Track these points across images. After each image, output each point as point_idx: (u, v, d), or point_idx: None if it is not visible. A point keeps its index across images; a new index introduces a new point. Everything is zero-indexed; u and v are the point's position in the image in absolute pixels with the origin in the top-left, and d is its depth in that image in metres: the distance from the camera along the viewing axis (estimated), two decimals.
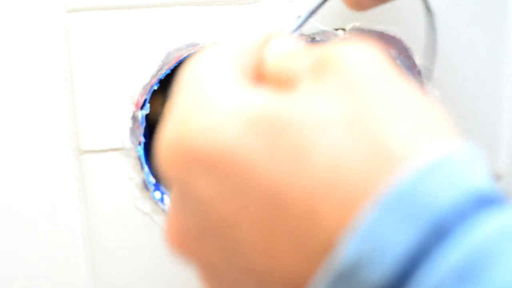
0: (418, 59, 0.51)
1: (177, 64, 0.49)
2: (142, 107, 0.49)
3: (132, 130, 0.50)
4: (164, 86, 0.53)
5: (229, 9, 0.48)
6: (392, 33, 0.50)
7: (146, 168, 0.51)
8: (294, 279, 0.25)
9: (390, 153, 0.24)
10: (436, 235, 0.22)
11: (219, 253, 0.27)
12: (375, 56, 0.26)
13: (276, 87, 0.27)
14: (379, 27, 0.49)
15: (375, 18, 0.49)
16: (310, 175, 0.24)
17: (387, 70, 0.26)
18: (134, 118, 0.49)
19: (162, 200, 0.52)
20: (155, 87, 0.49)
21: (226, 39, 0.30)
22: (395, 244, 0.22)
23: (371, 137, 0.24)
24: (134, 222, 0.52)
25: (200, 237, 0.27)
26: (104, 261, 0.53)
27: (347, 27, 0.49)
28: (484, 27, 0.51)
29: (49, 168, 0.50)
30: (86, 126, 0.49)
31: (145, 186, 0.51)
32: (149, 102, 0.50)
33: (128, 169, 0.51)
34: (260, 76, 0.29)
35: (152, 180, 0.51)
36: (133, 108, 0.49)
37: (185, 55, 0.48)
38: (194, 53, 0.49)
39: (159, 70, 0.49)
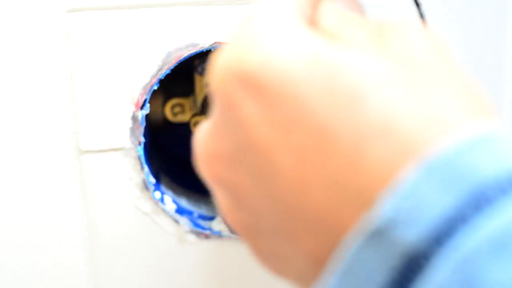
0: None
1: (177, 64, 0.49)
2: (142, 107, 0.49)
3: (132, 130, 0.50)
4: (164, 86, 0.53)
5: (229, 9, 0.48)
6: None
7: (146, 168, 0.51)
8: (321, 220, 0.25)
9: (441, 120, 0.24)
10: (475, 204, 0.22)
11: (249, 178, 0.27)
12: (435, 37, 0.28)
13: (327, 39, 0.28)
14: None
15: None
16: (361, 120, 0.24)
17: (444, 51, 0.27)
18: (134, 118, 0.49)
19: (162, 200, 0.52)
20: (155, 87, 0.49)
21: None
22: (434, 206, 0.23)
23: (426, 102, 0.25)
24: (134, 222, 0.52)
25: (235, 160, 0.27)
26: (104, 261, 0.53)
27: None
28: (484, 27, 0.51)
29: (49, 168, 0.50)
30: (86, 126, 0.49)
31: (145, 186, 0.51)
32: (149, 102, 0.50)
33: (128, 169, 0.51)
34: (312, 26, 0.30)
35: (152, 180, 0.51)
36: (133, 108, 0.49)
37: (185, 55, 0.48)
38: (194, 53, 0.49)
39: (159, 70, 0.49)
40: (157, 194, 0.51)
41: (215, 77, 0.28)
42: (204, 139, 0.29)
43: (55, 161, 0.50)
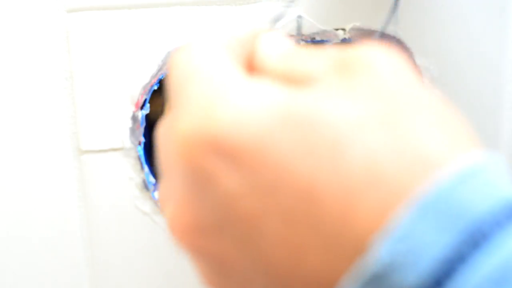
0: (418, 59, 0.51)
1: None
2: (142, 107, 0.49)
3: (132, 130, 0.50)
4: (164, 86, 0.53)
5: (229, 9, 0.48)
6: (392, 33, 0.49)
7: (146, 168, 0.51)
8: (319, 281, 0.24)
9: (427, 157, 0.23)
10: (473, 241, 0.22)
11: (235, 249, 0.25)
12: (402, 62, 0.26)
13: (286, 84, 0.26)
14: (379, 27, 0.49)
15: (375, 18, 0.49)
16: (346, 173, 0.23)
17: (414, 77, 0.25)
18: (134, 118, 0.49)
19: None
20: (155, 87, 0.49)
21: (209, 36, 0.29)
22: (432, 248, 0.22)
23: (409, 140, 0.23)
24: (134, 222, 0.52)
25: (216, 230, 0.26)
26: (104, 261, 0.53)
27: (347, 27, 0.49)
28: (484, 27, 0.51)
29: (49, 168, 0.50)
30: (86, 126, 0.49)
31: (145, 186, 0.51)
32: (149, 102, 0.50)
33: (128, 169, 0.51)
34: (252, 71, 0.28)
35: (152, 180, 0.51)
36: (133, 108, 0.49)
37: None
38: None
39: (159, 70, 0.49)
40: (157, 194, 0.51)
41: (180, 148, 0.25)
42: (179, 210, 0.27)
43: (55, 161, 0.50)
